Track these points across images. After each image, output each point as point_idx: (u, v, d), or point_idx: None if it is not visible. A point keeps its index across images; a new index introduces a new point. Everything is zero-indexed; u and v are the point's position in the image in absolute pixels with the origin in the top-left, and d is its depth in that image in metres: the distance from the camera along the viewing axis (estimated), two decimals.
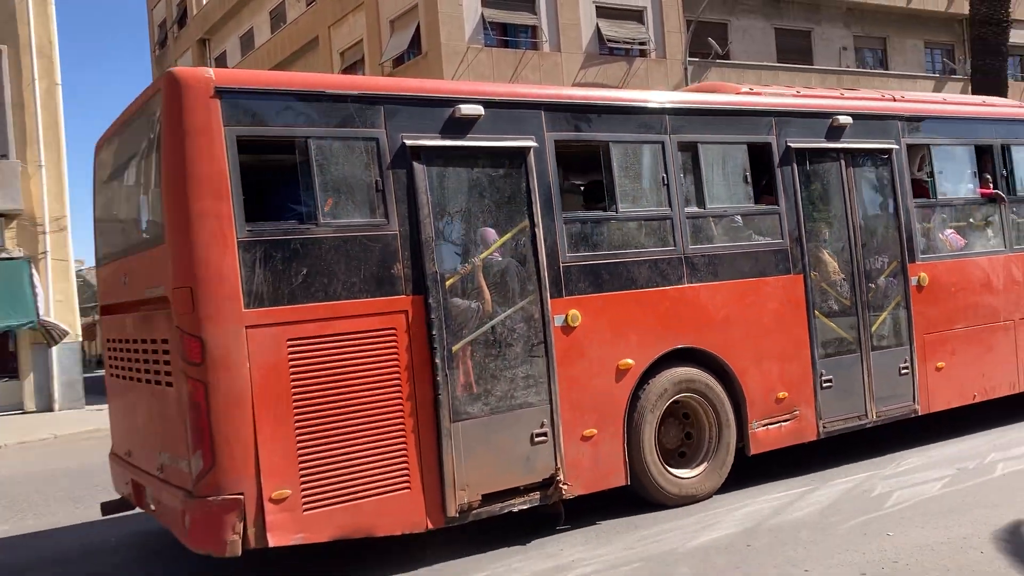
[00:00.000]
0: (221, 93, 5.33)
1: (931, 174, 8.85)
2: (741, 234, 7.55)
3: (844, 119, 8.01)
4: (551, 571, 5.62)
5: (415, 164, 5.89)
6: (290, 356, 5.35)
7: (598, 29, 27.15)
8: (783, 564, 5.38)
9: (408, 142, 5.87)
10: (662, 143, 7.02)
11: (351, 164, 5.80)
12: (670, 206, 7.01)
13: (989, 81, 28.91)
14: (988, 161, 9.29)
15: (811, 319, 7.61)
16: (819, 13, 31.90)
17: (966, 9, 30.78)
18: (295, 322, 5.39)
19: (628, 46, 27.93)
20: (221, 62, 38.73)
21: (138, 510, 6.63)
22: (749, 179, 7.45)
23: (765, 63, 30.10)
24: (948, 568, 5.08)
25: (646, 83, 27.77)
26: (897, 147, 8.38)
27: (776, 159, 7.63)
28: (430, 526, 5.76)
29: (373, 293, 5.70)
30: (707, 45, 27.08)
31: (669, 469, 6.84)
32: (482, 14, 25.48)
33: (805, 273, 7.63)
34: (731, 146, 7.48)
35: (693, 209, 7.16)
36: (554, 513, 6.32)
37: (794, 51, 31.29)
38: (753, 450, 7.25)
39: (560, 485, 6.21)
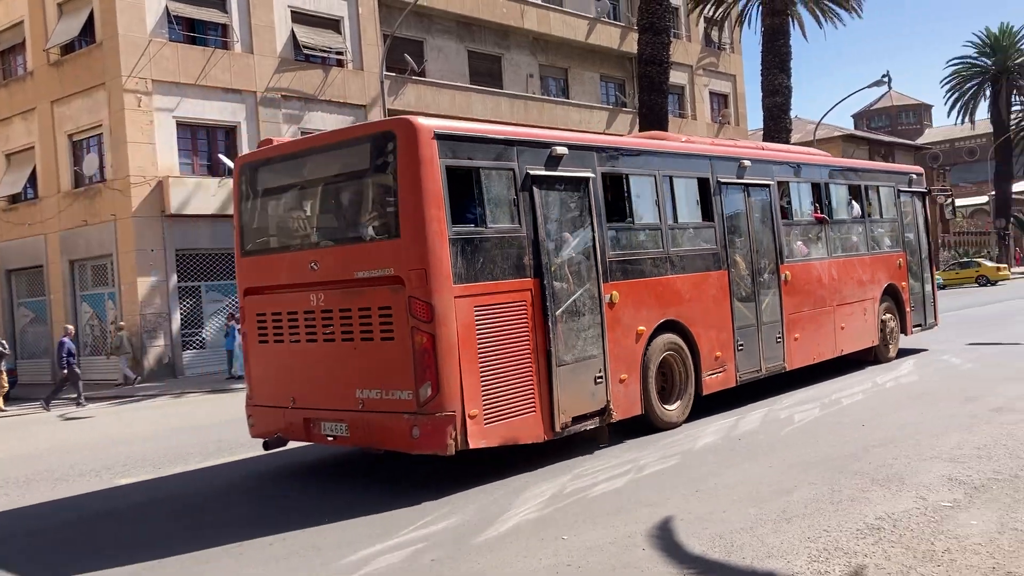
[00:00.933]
0: (438, 136, 7.60)
1: (788, 203, 12.53)
2: (695, 241, 10.66)
3: (746, 162, 11.49)
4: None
5: (533, 187, 8.37)
6: (476, 318, 7.67)
7: (293, 34, 26.48)
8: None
9: (530, 171, 8.37)
10: (654, 175, 10.07)
11: (501, 187, 8.24)
12: (660, 220, 10.07)
13: (653, 115, 32.12)
14: (818, 194, 13.26)
15: (732, 302, 10.86)
16: (508, 40, 33.63)
17: (635, 48, 34.07)
18: (478, 294, 7.73)
19: (325, 54, 27.53)
20: None
21: (291, 445, 9.20)
22: (699, 202, 10.68)
23: (459, 84, 31.12)
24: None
25: (343, 93, 27.54)
26: (772, 183, 11.98)
27: (712, 188, 10.82)
28: (545, 438, 8.18)
29: (514, 276, 8.12)
30: (404, 61, 27.46)
31: (662, 404, 9.69)
32: (166, 6, 23.81)
33: (728, 270, 10.91)
34: (690, 179, 10.63)
35: (671, 222, 10.22)
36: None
37: (486, 74, 32.68)
38: (704, 392, 10.28)
39: (611, 411, 8.86)
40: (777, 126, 38.03)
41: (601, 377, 8.79)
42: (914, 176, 16.05)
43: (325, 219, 8.89)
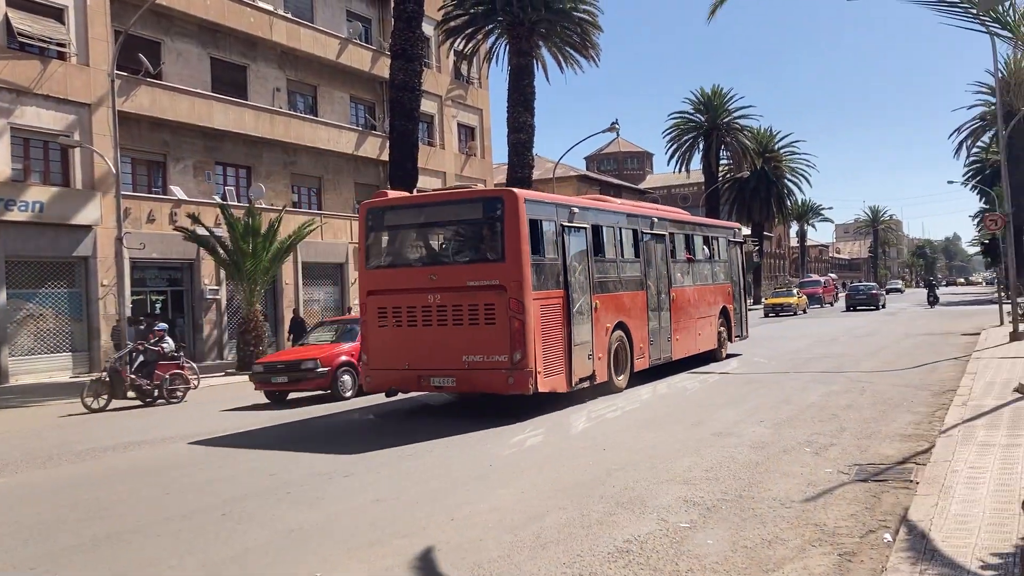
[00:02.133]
0: (526, 200, 12.54)
1: (672, 247, 17.94)
2: (630, 271, 16.00)
3: (655, 219, 17.33)
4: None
5: (564, 233, 13.43)
6: (540, 313, 12.43)
7: (7, 19, 23.73)
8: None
9: (563, 223, 13.48)
10: (612, 227, 15.50)
11: (551, 232, 13.17)
12: (616, 255, 15.57)
13: (404, 141, 32.22)
14: (687, 241, 18.92)
15: (648, 312, 16.25)
16: (255, 51, 32.34)
17: (387, 72, 34.08)
18: (542, 298, 12.53)
19: (44, 44, 24.90)
20: None
21: (401, 395, 14.78)
22: (633, 244, 16.19)
23: (200, 91, 29.41)
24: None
25: (64, 88, 25.04)
26: (666, 233, 17.66)
27: (638, 236, 16.34)
28: (566, 389, 13.06)
29: (555, 288, 13.06)
30: (137, 60, 25.51)
31: (616, 376, 14.70)
32: None
33: (646, 291, 16.33)
34: (628, 229, 16.11)
35: (620, 257, 15.74)
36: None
37: (230, 83, 31.16)
38: (636, 369, 15.48)
39: (595, 377, 13.87)
40: (521, 162, 39.61)
41: (591, 355, 13.88)
42: (736, 231, 23.04)
43: (445, 247, 13.85)
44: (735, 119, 62.44)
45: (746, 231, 24.13)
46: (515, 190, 12.71)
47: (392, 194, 14.50)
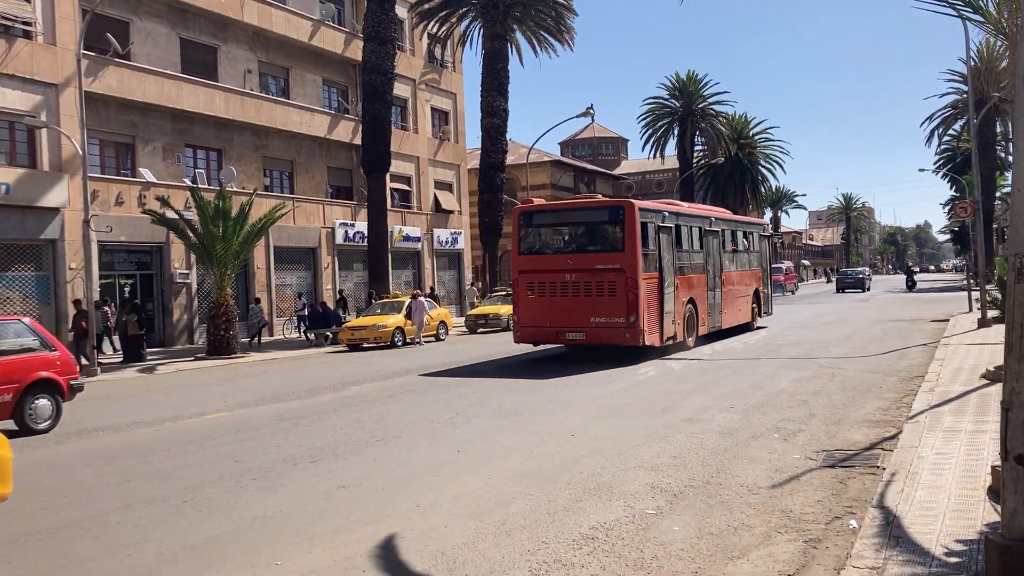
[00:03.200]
0: (639, 209, 17.59)
1: (724, 240, 22.73)
2: (696, 258, 20.71)
3: (714, 219, 22.50)
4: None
5: (659, 231, 18.52)
6: (646, 289, 17.41)
7: None
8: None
9: (658, 224, 18.53)
10: (687, 225, 20.39)
11: (651, 231, 18.07)
12: (688, 247, 20.19)
13: (377, 124, 31.98)
14: (733, 235, 23.93)
15: (707, 291, 21.02)
16: (226, 32, 31.83)
17: (360, 55, 33.72)
18: (647, 279, 17.51)
19: (9, 23, 24.35)
20: None
21: (543, 347, 20.12)
22: (699, 238, 20.95)
23: (169, 72, 28.94)
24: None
25: (30, 68, 24.52)
26: (719, 229, 22.34)
27: (702, 232, 21.13)
28: (660, 344, 18.10)
29: (654, 271, 17.96)
30: (105, 40, 25.02)
31: (687, 337, 19.48)
32: None
33: (707, 274, 21.11)
34: (695, 227, 20.93)
35: (690, 248, 20.44)
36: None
37: (200, 64, 30.66)
38: (699, 334, 20.28)
39: (676, 336, 18.92)
40: (494, 146, 39.48)
41: (673, 321, 18.82)
42: (766, 226, 28.85)
43: (578, 240, 18.69)
44: (710, 105, 62.54)
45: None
46: (632, 200, 18.30)
47: (537, 201, 20.67)
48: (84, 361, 20.51)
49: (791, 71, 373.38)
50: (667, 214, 19.06)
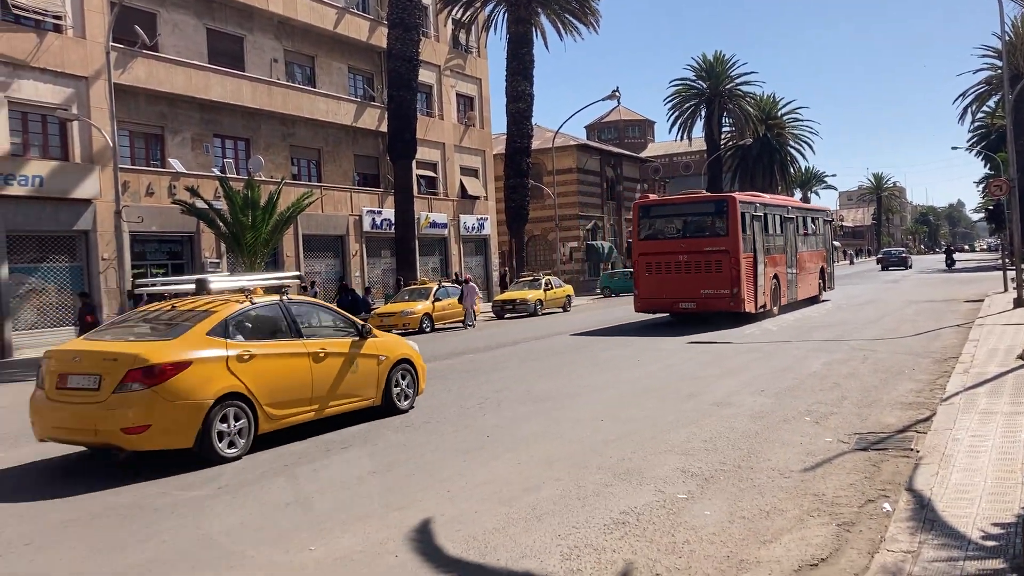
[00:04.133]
0: (739, 201, 21.76)
1: (798, 225, 26.62)
2: (779, 240, 24.57)
3: (791, 207, 26.76)
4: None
5: (753, 219, 22.45)
6: (744, 265, 21.37)
7: None
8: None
9: (751, 213, 22.40)
10: (773, 214, 24.43)
11: (748, 219, 22.01)
12: (772, 231, 24.10)
13: (402, 111, 32.01)
14: (804, 221, 27.80)
15: (787, 267, 24.88)
16: (252, 21, 31.97)
17: (384, 42, 33.73)
18: (746, 258, 21.57)
19: (40, 16, 24.63)
20: None
21: (653, 315, 24.74)
22: (780, 224, 24.92)
23: (197, 63, 29.14)
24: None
25: (61, 62, 24.81)
26: (795, 216, 26.34)
27: (782, 219, 25.00)
28: (755, 311, 22.14)
29: (750, 252, 21.92)
30: (134, 32, 25.21)
31: (773, 306, 23.57)
32: None
33: (786, 254, 25.07)
34: (777, 215, 24.79)
35: (773, 232, 24.25)
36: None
37: (226, 54, 30.85)
38: (782, 303, 24.33)
39: (765, 305, 22.77)
40: (520, 131, 39.36)
41: (763, 292, 22.33)
42: (829, 212, 33.72)
43: (688, 227, 22.36)
44: (737, 86, 61.91)
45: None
46: (735, 195, 22.37)
47: (652, 197, 26.93)
48: None
49: (820, 51, 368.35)
50: (758, 204, 23.19)
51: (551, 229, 48.10)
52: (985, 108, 63.71)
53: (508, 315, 31.08)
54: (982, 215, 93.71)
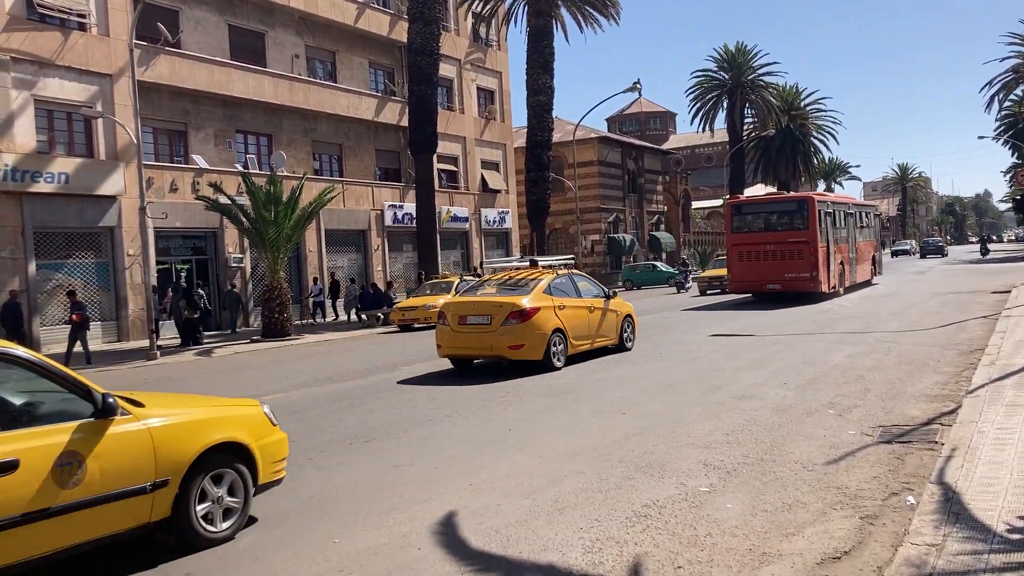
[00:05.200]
0: (816, 200, 26.36)
1: (855, 219, 30.95)
2: (842, 233, 28.85)
3: (851, 204, 31.61)
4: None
5: (825, 216, 26.65)
6: (822, 253, 25.91)
7: None
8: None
9: (824, 210, 26.69)
10: (839, 210, 28.70)
11: (822, 215, 26.29)
12: (837, 225, 28.14)
13: (423, 106, 32.03)
14: (859, 215, 32.31)
15: (847, 255, 29.29)
16: (273, 17, 32.13)
17: (405, 37, 33.76)
18: (823, 246, 26.07)
19: (65, 15, 24.89)
20: None
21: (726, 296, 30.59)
22: (843, 218, 29.12)
23: (219, 59, 29.34)
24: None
25: (86, 60, 25.07)
26: (854, 212, 31.20)
27: (844, 214, 29.25)
28: (828, 291, 26.56)
29: (823, 242, 26.16)
30: (156, 30, 25.42)
31: (840, 287, 28.19)
32: None
33: (847, 243, 29.47)
34: (839, 212, 28.85)
35: (838, 226, 28.25)
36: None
37: (248, 51, 31.04)
38: (845, 285, 29.06)
39: (837, 287, 27.68)
40: (541, 124, 39.27)
41: (834, 275, 26.99)
42: (877, 207, 38.29)
43: (773, 222, 26.68)
44: (759, 76, 61.36)
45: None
46: (813, 195, 26.83)
47: (742, 197, 32.48)
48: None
49: (843, 41, 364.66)
50: (828, 202, 27.71)
51: (572, 222, 48.04)
52: (1013, 96, 62.82)
53: None
54: (1010, 205, 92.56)
